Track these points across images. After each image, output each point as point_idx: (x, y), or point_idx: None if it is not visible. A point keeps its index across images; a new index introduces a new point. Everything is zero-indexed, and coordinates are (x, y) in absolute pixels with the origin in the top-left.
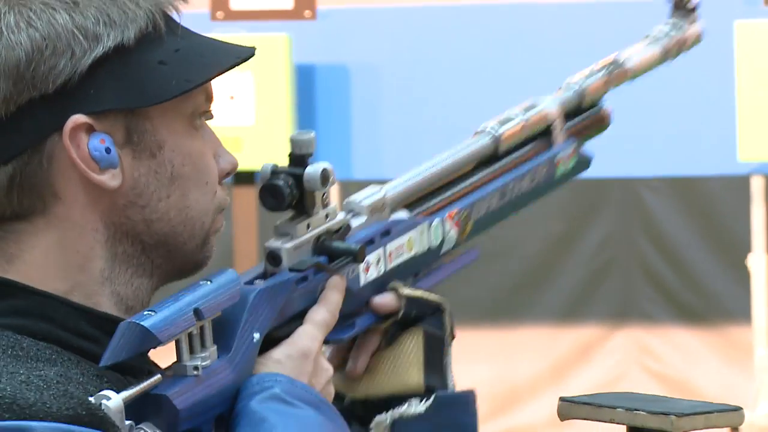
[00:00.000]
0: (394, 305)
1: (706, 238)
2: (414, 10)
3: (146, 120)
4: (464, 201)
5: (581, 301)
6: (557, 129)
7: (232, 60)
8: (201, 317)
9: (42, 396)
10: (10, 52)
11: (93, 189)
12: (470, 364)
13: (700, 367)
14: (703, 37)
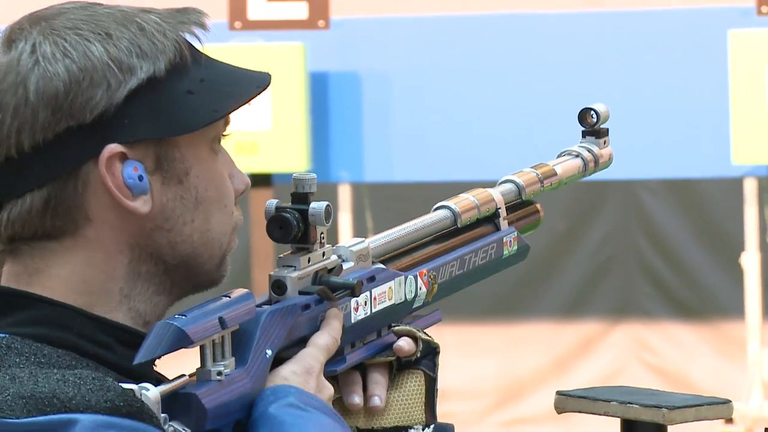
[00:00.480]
0: (413, 348)
1: (702, 238)
2: (423, 20)
3: (174, 148)
4: (431, 263)
5: (582, 298)
6: (502, 215)
7: (253, 90)
8: (225, 326)
9: (80, 390)
10: (48, 82)
11: (123, 213)
12: (476, 357)
13: (695, 361)
14: (613, 158)
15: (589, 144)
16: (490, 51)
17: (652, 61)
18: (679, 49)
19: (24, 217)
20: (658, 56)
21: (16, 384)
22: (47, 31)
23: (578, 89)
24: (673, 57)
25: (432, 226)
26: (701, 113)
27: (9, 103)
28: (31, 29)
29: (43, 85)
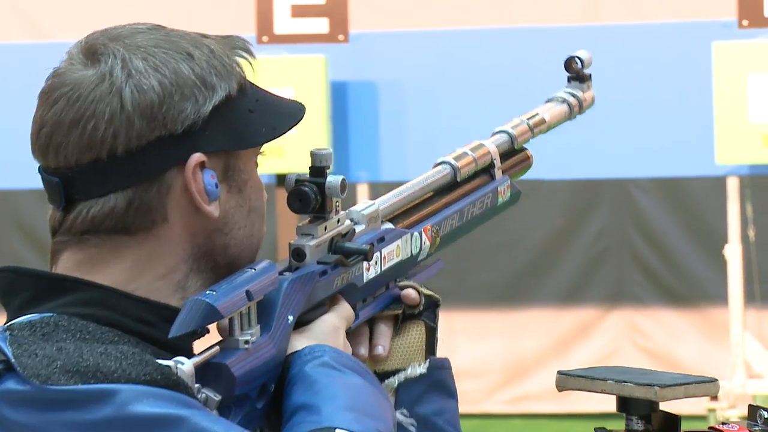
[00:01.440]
0: (417, 299)
1: (689, 231)
2: (434, 34)
3: (238, 160)
4: (435, 218)
5: (580, 286)
6: (497, 166)
7: (298, 113)
8: (251, 298)
9: (121, 364)
10: (143, 94)
11: (195, 216)
12: (484, 340)
13: (683, 344)
14: (595, 100)
15: (573, 89)
16: (496, 61)
17: (642, 70)
18: (668, 59)
19: (106, 214)
20: (648, 65)
21: (63, 356)
22: (133, 47)
23: None
24: (662, 66)
25: (434, 182)
26: (688, 117)
27: (103, 111)
28: (114, 45)
29: (138, 96)
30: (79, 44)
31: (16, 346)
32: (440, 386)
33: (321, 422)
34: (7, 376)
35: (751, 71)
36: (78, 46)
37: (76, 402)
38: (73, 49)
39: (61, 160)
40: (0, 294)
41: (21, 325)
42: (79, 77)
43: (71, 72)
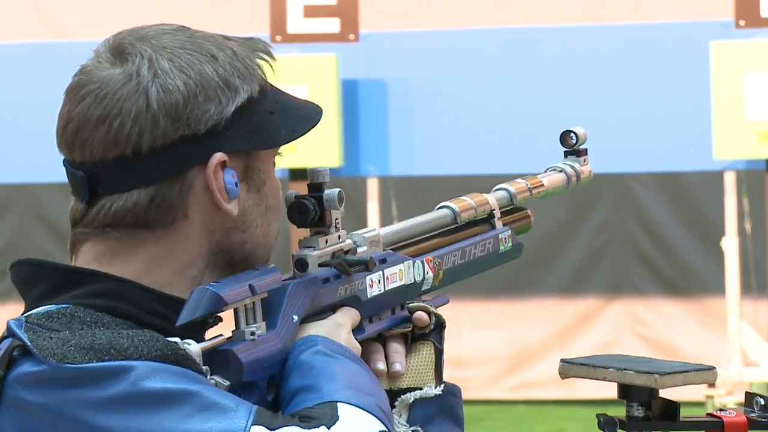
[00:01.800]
0: (427, 320)
1: (687, 224)
2: (441, 33)
3: (257, 160)
4: (436, 252)
5: (582, 277)
6: (496, 216)
7: (316, 116)
8: (254, 292)
9: (133, 342)
10: (169, 94)
11: (215, 214)
12: (489, 330)
13: (682, 333)
14: (592, 174)
15: (572, 162)
16: (500, 60)
17: (643, 69)
18: (667, 58)
19: (128, 209)
20: (648, 64)
21: (76, 337)
22: (159, 48)
23: (577, 94)
24: (661, 65)
25: (435, 221)
26: (686, 114)
27: (129, 109)
28: (141, 45)
29: (164, 95)
30: (106, 43)
31: (31, 332)
32: (451, 412)
33: (323, 398)
34: (23, 360)
35: (747, 70)
36: (106, 45)
37: (91, 379)
38: (101, 47)
39: (87, 155)
40: (19, 285)
41: (38, 315)
42: (107, 75)
43: (99, 70)
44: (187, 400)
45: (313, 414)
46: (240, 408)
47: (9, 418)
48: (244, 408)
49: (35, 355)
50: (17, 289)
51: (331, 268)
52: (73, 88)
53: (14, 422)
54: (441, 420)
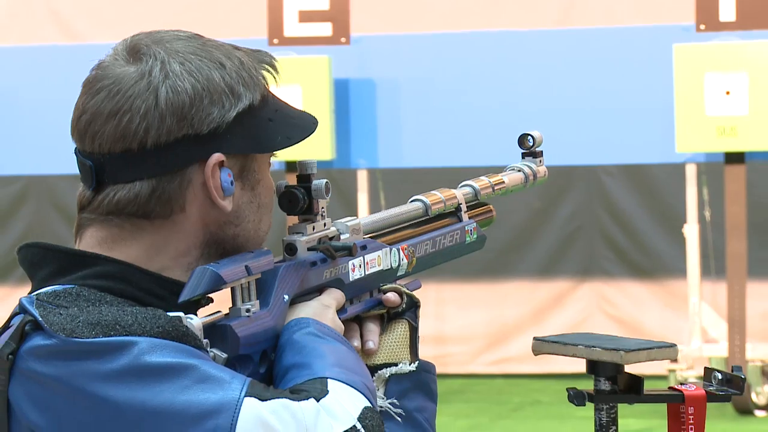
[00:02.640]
0: (398, 300)
1: (651, 212)
2: (428, 36)
3: (254, 162)
4: (410, 241)
5: (554, 261)
6: (463, 210)
7: (312, 127)
8: (250, 272)
9: (137, 318)
10: (177, 95)
11: (210, 208)
12: (469, 310)
13: (646, 312)
14: (547, 174)
15: (528, 162)
16: (481, 61)
17: (612, 69)
18: (634, 59)
19: (130, 199)
20: (617, 64)
21: (84, 313)
22: (172, 52)
23: (551, 92)
24: (629, 65)
25: (409, 213)
26: (651, 110)
27: (139, 106)
28: (156, 47)
29: (172, 96)
30: (124, 42)
31: (42, 309)
32: (425, 387)
33: (314, 374)
34: (34, 335)
35: (707, 70)
36: (123, 44)
37: (97, 352)
38: (119, 45)
39: (96, 146)
40: (27, 266)
41: (47, 293)
42: (121, 72)
43: (114, 66)
44: (186, 373)
45: (304, 388)
46: (234, 380)
47: (21, 387)
48: (238, 380)
49: (46, 329)
50: (25, 271)
51: (318, 252)
52: (89, 81)
53: (25, 391)
54: (416, 395)
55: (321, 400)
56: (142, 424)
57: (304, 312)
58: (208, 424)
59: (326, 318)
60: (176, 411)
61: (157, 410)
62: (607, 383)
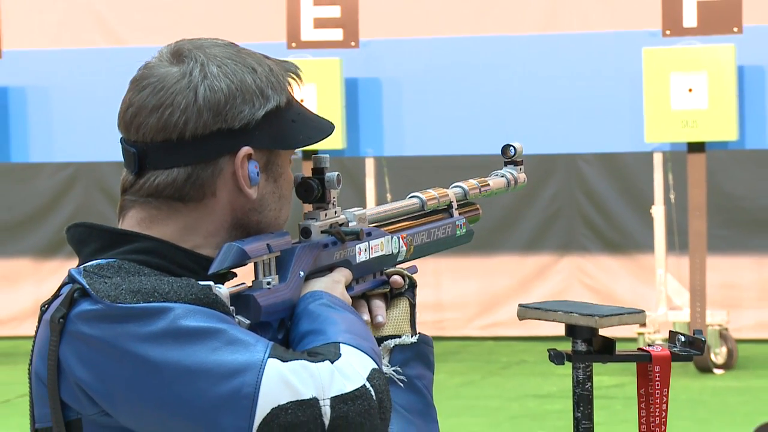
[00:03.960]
0: (402, 281)
1: (624, 195)
2: (426, 40)
3: (278, 157)
4: (409, 231)
5: (538, 238)
6: (454, 207)
7: (329, 129)
8: (271, 250)
9: (173, 287)
10: (213, 93)
11: (238, 195)
12: (464, 280)
13: (619, 282)
14: (526, 182)
15: (510, 170)
16: (474, 61)
17: (589, 69)
18: (609, 60)
19: (168, 183)
20: (593, 65)
21: (126, 282)
22: (211, 56)
23: (536, 87)
24: (604, 66)
25: (408, 207)
26: (623, 106)
27: (180, 102)
28: (197, 52)
29: (210, 94)
30: (169, 46)
31: (89, 278)
32: (424, 358)
33: (328, 339)
34: (82, 301)
35: (672, 70)
36: (168, 48)
37: (138, 316)
38: (164, 48)
39: (140, 135)
40: (75, 244)
41: (92, 266)
42: (165, 72)
43: (159, 67)
44: (216, 336)
45: (320, 351)
46: (259, 343)
47: (70, 347)
48: (262, 344)
49: (92, 296)
50: (72, 248)
51: (330, 236)
52: (136, 79)
53: (73, 351)
54: (416, 364)
55: (335, 362)
56: (176, 380)
57: (318, 286)
58: (236, 382)
59: (336, 291)
60: (207, 369)
61: (190, 368)
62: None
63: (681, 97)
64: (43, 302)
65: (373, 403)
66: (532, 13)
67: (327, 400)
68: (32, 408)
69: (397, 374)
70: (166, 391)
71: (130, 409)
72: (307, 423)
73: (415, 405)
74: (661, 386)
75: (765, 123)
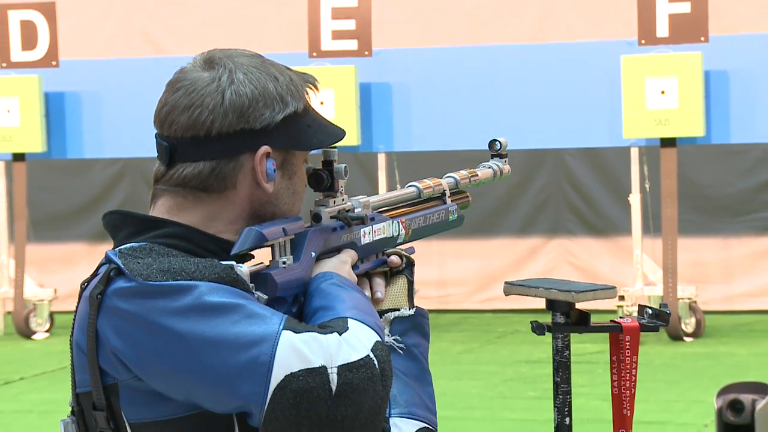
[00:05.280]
0: (399, 261)
1: (605, 185)
2: (431, 50)
3: (293, 157)
4: (407, 216)
5: (530, 223)
6: (447, 194)
7: (339, 135)
8: (286, 233)
9: (198, 267)
10: (239, 97)
11: (256, 188)
12: (465, 260)
13: (600, 262)
14: (510, 172)
15: (497, 162)
16: (473, 67)
17: (575, 74)
18: (591, 67)
19: (194, 175)
20: (579, 71)
21: (157, 262)
22: (238, 64)
23: (527, 90)
24: (587, 71)
25: (406, 195)
26: (604, 106)
27: (209, 103)
28: (226, 60)
29: (236, 97)
30: (202, 54)
31: (123, 259)
32: (420, 328)
33: (337, 314)
34: (117, 279)
35: (647, 75)
36: (201, 55)
37: (167, 293)
38: (198, 56)
39: (172, 131)
40: (110, 229)
41: (126, 248)
42: (197, 77)
43: (192, 72)
44: (236, 310)
45: (329, 324)
46: (274, 317)
47: (106, 320)
48: (277, 317)
49: (127, 275)
50: (108, 232)
51: (338, 221)
52: (172, 82)
53: (110, 323)
54: (413, 333)
55: (342, 334)
56: (201, 350)
57: (328, 266)
58: (254, 351)
59: (344, 271)
60: (229, 340)
61: (213, 339)
62: (561, 317)
63: (655, 98)
64: (83, 280)
65: (375, 371)
66: (523, 26)
67: (335, 368)
68: (73, 374)
69: (397, 343)
70: (192, 360)
71: (160, 375)
72: (317, 388)
73: (412, 370)
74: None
75: (729, 121)
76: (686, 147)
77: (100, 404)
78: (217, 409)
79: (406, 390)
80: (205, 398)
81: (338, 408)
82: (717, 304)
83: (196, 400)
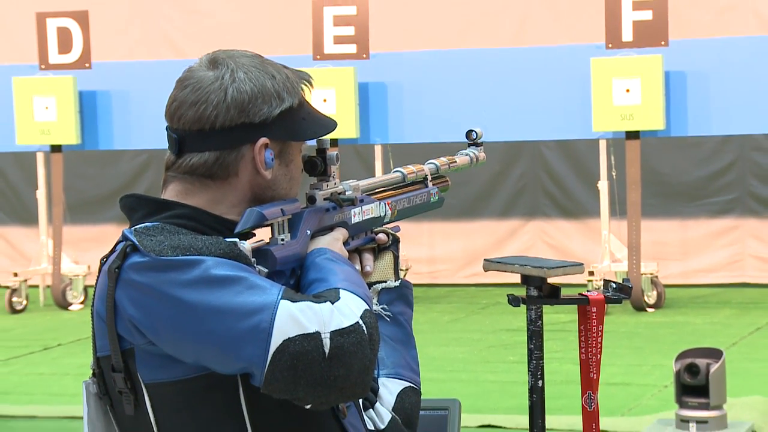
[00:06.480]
0: (386, 238)
1: (577, 173)
2: (422, 53)
3: (290, 147)
4: (393, 198)
5: (510, 207)
6: (428, 179)
7: (331, 127)
8: (284, 213)
9: (205, 243)
10: (240, 94)
11: (256, 175)
12: (453, 239)
13: (573, 241)
14: (485, 160)
15: (473, 150)
16: (459, 68)
17: (550, 75)
18: (565, 68)
19: (200, 164)
20: (552, 72)
21: (168, 240)
22: (239, 64)
23: (508, 89)
24: (560, 72)
25: (392, 179)
26: (576, 103)
27: (212, 100)
28: (228, 60)
29: (237, 94)
30: (208, 55)
31: (138, 237)
32: (405, 298)
33: (330, 286)
34: (133, 254)
35: (613, 75)
36: (207, 56)
37: (177, 267)
38: (203, 57)
39: (180, 125)
40: (126, 211)
41: (141, 228)
42: (203, 75)
43: (198, 71)
44: (239, 282)
45: (323, 295)
46: (273, 288)
47: (123, 291)
48: (276, 288)
49: (141, 250)
50: (124, 214)
51: (330, 202)
52: (181, 80)
53: (126, 294)
54: (398, 303)
55: (335, 303)
56: (208, 318)
57: (322, 243)
58: (255, 318)
59: (336, 247)
60: (233, 309)
61: (219, 308)
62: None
63: (620, 95)
64: (102, 256)
65: (364, 336)
66: (504, 31)
67: (327, 333)
68: (94, 340)
69: (384, 311)
70: (200, 327)
71: (172, 341)
72: (311, 351)
73: (398, 335)
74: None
75: (686, 116)
76: (649, 139)
77: (118, 367)
78: (222, 370)
79: (393, 353)
80: (212, 361)
81: (331, 369)
82: (676, 279)
83: (204, 363)
